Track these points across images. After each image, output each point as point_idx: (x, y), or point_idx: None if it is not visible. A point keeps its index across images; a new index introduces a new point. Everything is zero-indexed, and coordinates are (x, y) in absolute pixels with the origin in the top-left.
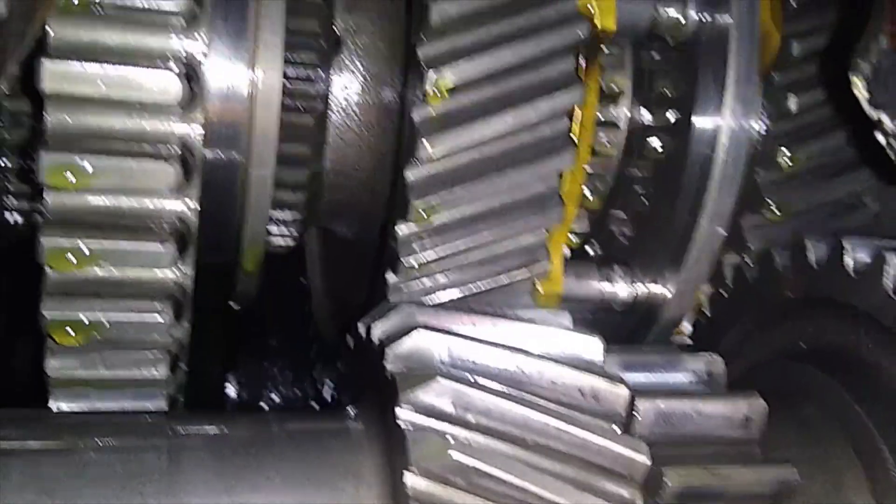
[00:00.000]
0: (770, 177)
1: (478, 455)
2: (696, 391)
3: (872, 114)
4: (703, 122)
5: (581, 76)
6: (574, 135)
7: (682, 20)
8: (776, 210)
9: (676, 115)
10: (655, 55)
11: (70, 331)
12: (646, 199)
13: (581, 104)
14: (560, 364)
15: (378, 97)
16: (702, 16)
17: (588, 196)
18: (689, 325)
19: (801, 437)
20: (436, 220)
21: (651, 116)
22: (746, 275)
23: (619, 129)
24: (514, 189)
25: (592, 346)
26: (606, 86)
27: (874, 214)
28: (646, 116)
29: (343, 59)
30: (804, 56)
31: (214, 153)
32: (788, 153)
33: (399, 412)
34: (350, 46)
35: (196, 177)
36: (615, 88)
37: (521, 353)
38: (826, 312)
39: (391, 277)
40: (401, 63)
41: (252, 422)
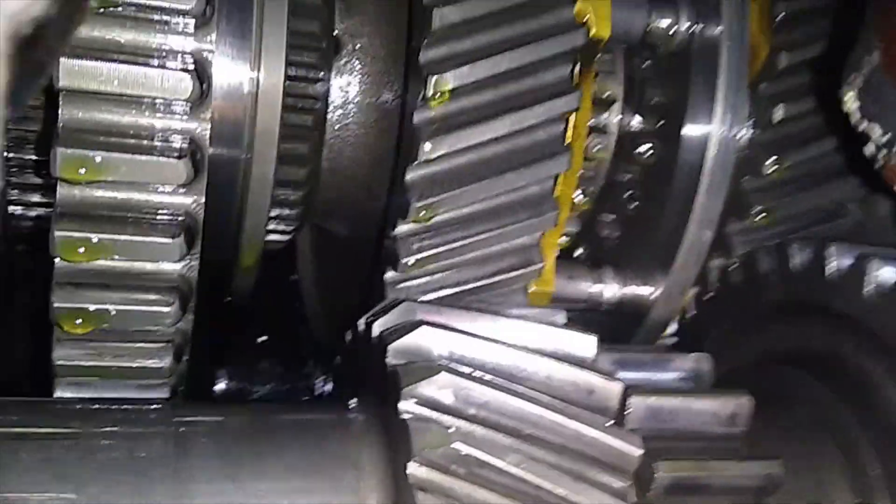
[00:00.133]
0: (755, 183)
1: (478, 445)
2: (685, 388)
3: (862, 125)
4: (694, 130)
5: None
6: (567, 139)
7: (675, 30)
8: (761, 216)
9: (667, 122)
10: (647, 63)
11: (78, 320)
12: (634, 203)
13: (577, 110)
14: (556, 360)
15: (376, 99)
16: (693, 26)
17: (580, 198)
18: (674, 326)
19: (784, 436)
20: (434, 220)
21: (642, 123)
22: (731, 278)
23: (610, 134)
24: (511, 191)
25: (586, 344)
26: (599, 92)
27: (856, 222)
28: (636, 122)
29: (342, 61)
30: (790, 67)
31: (216, 151)
32: (774, 161)
33: (402, 404)
34: (349, 49)
35: (203, 173)
36: (607, 95)
37: (519, 349)
38: (809, 316)
39: (390, 275)
40: (400, 66)
41: (255, 412)
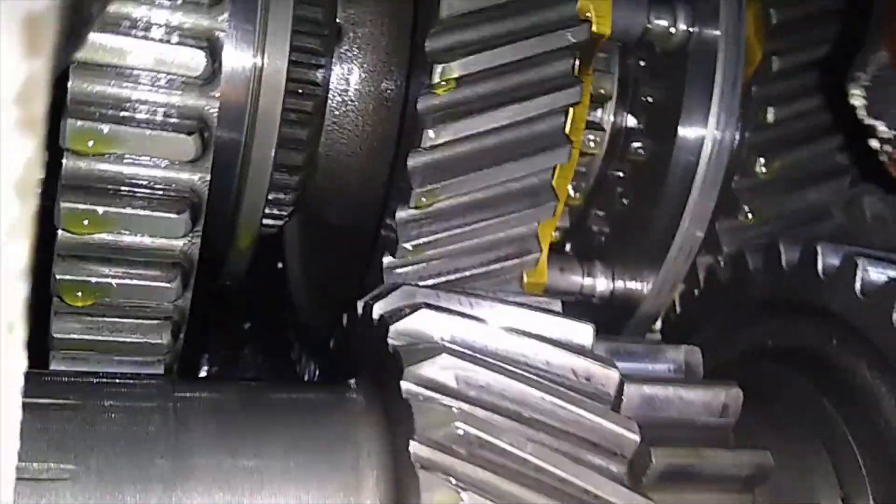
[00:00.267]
0: (745, 183)
1: (479, 426)
2: (678, 379)
3: (869, 121)
4: (688, 130)
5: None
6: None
7: (673, 30)
8: (750, 215)
9: (660, 121)
10: (642, 62)
11: (79, 293)
12: (625, 199)
13: (578, 103)
14: (554, 346)
15: (376, 86)
16: (691, 27)
17: (571, 193)
18: (660, 321)
19: (771, 431)
20: (434, 207)
21: (634, 121)
22: (719, 275)
23: (604, 131)
24: (511, 180)
25: (583, 332)
26: (593, 89)
27: (840, 224)
28: (630, 120)
29: (344, 49)
30: (783, 71)
31: (219, 132)
32: (764, 162)
33: (404, 384)
34: (350, 36)
35: (210, 150)
36: (602, 92)
37: (518, 334)
38: (796, 314)
39: (388, 260)
40: (402, 54)
41: (255, 389)
